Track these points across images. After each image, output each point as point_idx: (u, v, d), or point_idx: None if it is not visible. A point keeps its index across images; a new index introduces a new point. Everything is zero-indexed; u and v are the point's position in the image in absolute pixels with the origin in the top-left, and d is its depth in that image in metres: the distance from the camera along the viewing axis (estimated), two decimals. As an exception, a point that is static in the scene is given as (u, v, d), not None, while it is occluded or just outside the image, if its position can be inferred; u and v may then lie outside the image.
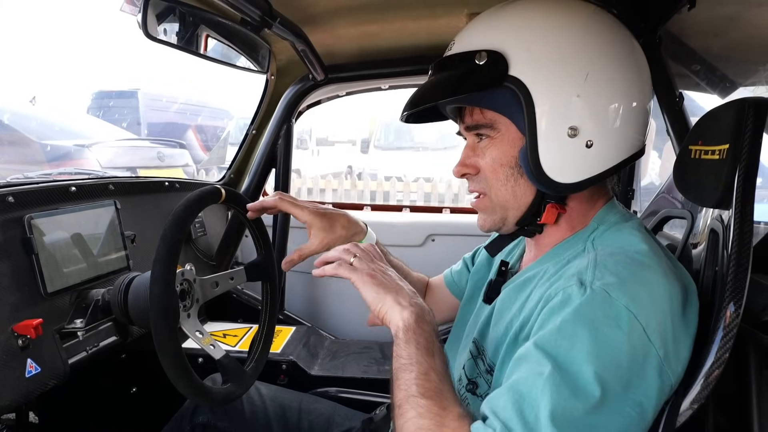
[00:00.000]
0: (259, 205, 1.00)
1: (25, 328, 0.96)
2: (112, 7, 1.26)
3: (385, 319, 0.72)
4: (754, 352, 0.72)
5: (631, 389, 0.59)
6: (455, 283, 1.13)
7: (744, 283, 0.64)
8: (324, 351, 1.77)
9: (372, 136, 8.98)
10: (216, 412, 1.13)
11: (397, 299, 0.72)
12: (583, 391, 0.58)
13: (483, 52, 0.71)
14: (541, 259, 0.80)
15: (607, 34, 0.73)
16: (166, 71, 9.21)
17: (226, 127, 8.60)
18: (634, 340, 0.60)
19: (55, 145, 4.28)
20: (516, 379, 0.62)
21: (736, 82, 1.28)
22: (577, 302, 0.62)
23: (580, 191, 0.76)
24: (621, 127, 0.72)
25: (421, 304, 0.73)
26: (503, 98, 0.72)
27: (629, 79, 0.73)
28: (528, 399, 0.59)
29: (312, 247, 0.97)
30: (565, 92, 0.70)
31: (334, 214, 1.00)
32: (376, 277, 0.75)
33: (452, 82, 0.75)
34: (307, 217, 0.97)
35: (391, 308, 0.72)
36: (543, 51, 0.70)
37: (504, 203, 0.78)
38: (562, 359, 0.60)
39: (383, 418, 1.08)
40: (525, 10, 0.75)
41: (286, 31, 1.27)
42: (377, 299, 0.73)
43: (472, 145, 0.80)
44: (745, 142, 0.66)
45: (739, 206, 0.66)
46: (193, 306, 1.03)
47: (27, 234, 1.02)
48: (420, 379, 0.65)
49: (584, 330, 0.60)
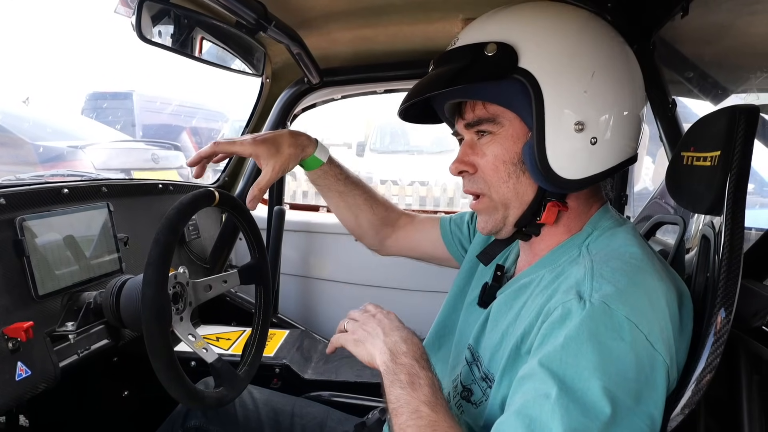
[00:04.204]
0: (197, 157, 0.97)
1: (15, 331, 0.95)
2: (107, 8, 1.26)
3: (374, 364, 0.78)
4: (745, 357, 0.72)
5: (643, 401, 0.59)
6: (450, 233, 1.12)
7: (735, 288, 0.64)
8: (317, 355, 1.77)
9: (368, 140, 8.98)
10: (208, 416, 1.13)
11: (372, 348, 0.78)
12: (592, 409, 0.57)
13: (493, 43, 0.71)
14: (536, 265, 0.80)
15: (608, 39, 0.75)
16: (161, 73, 9.18)
17: (221, 130, 8.58)
18: (638, 350, 0.59)
19: (48, 147, 4.25)
20: (523, 402, 0.60)
21: (728, 89, 1.29)
22: (578, 318, 0.62)
23: (582, 189, 0.76)
24: (621, 128, 0.74)
25: (395, 340, 0.77)
26: (510, 91, 0.72)
27: (628, 83, 0.75)
28: (539, 423, 0.57)
29: (267, 176, 0.95)
30: (573, 87, 0.70)
31: (276, 135, 0.97)
32: (356, 334, 0.82)
33: (458, 72, 0.74)
34: (249, 149, 0.95)
35: (371, 357, 0.78)
36: (553, 47, 0.71)
37: (505, 201, 0.78)
38: (568, 378, 0.59)
39: (376, 422, 1.07)
40: (533, 9, 0.77)
41: (281, 35, 1.27)
42: (362, 353, 0.80)
43: (470, 142, 0.79)
44: (736, 149, 0.67)
45: (730, 213, 0.66)
46: (186, 309, 1.03)
47: (18, 236, 1.02)
48: (412, 419, 0.67)
49: (588, 345, 0.59)
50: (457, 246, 1.11)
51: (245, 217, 1.12)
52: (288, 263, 2.14)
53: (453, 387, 0.85)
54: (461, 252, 1.10)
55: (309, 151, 1.00)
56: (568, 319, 0.63)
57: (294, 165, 0.99)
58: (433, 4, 1.31)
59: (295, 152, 0.97)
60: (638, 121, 0.77)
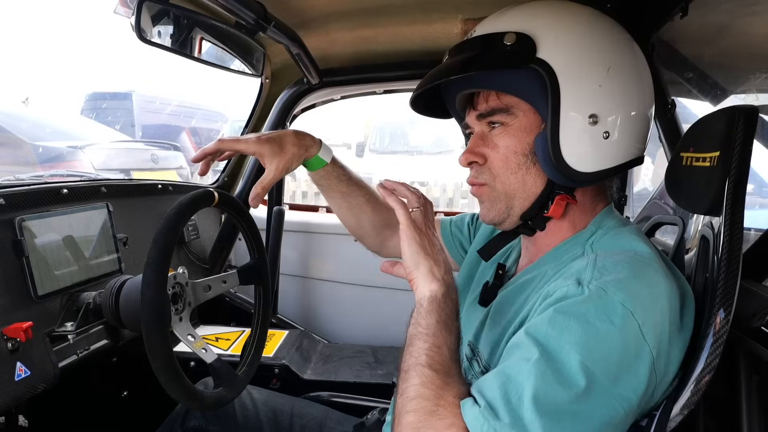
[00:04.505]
0: (201, 154, 0.95)
1: (14, 331, 0.95)
2: (107, 8, 1.26)
3: (413, 282, 0.73)
4: (744, 358, 0.72)
5: (620, 384, 0.59)
6: (451, 234, 1.13)
7: (734, 289, 0.64)
8: (317, 355, 1.77)
9: (367, 140, 8.97)
10: (207, 417, 1.12)
11: (432, 269, 0.72)
12: (567, 379, 0.58)
13: (512, 33, 0.72)
14: (539, 261, 0.80)
15: (622, 37, 0.77)
16: (160, 73, 9.19)
17: (221, 130, 8.58)
18: (627, 337, 0.60)
19: (48, 147, 4.25)
20: (506, 364, 0.63)
21: (727, 90, 1.29)
22: (573, 299, 0.63)
23: (593, 184, 0.77)
24: (632, 125, 0.75)
25: (451, 282, 0.73)
26: (526, 82, 0.73)
27: (640, 81, 0.76)
28: (513, 382, 0.59)
29: (270, 175, 0.94)
30: (590, 80, 0.71)
31: (281, 134, 0.97)
32: (423, 236, 0.74)
33: (474, 59, 0.75)
34: (253, 147, 0.94)
35: (423, 275, 0.71)
36: (571, 40, 0.72)
37: (511, 192, 0.78)
38: (550, 347, 0.60)
39: (375, 422, 1.07)
40: (549, 5, 0.78)
41: (280, 35, 1.28)
42: (414, 260, 0.72)
43: (481, 134, 0.80)
44: (735, 150, 0.67)
45: (729, 213, 0.66)
46: (185, 309, 1.03)
47: (17, 236, 1.02)
48: (432, 351, 0.66)
49: (575, 322, 0.61)
50: (457, 248, 1.11)
51: (244, 217, 1.12)
52: (287, 263, 2.14)
53: None
54: (461, 253, 1.10)
55: (313, 152, 1.00)
56: (563, 299, 0.64)
57: (297, 165, 0.98)
58: (432, 4, 1.31)
59: (298, 152, 0.97)
60: (647, 120, 0.78)
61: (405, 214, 0.75)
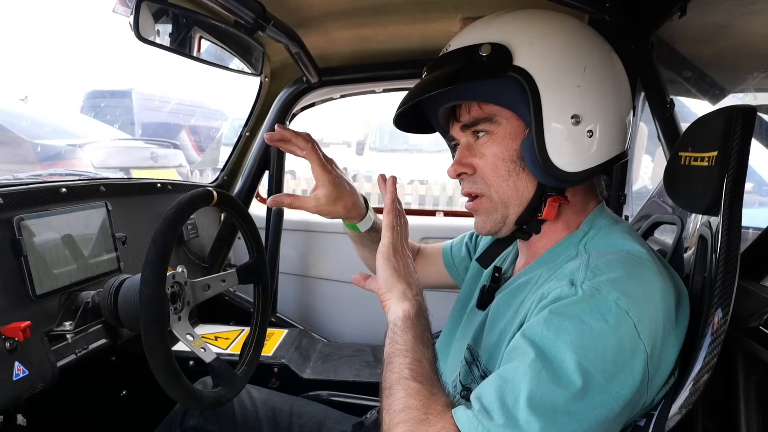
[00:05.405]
0: (279, 136, 0.92)
1: (12, 331, 0.95)
2: (106, 6, 1.25)
3: (386, 304, 0.75)
4: (742, 357, 0.72)
5: (616, 382, 0.60)
6: (451, 259, 1.15)
7: (732, 288, 0.64)
8: (316, 354, 1.77)
9: (367, 138, 8.97)
10: (206, 416, 1.13)
11: (404, 291, 0.75)
12: (564, 379, 0.59)
13: (487, 44, 0.73)
14: (534, 264, 0.80)
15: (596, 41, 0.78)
16: (160, 71, 9.17)
17: (220, 128, 8.57)
18: (622, 335, 0.60)
19: (47, 145, 4.23)
20: (503, 368, 0.64)
21: (726, 89, 1.29)
22: (567, 299, 0.64)
23: (582, 183, 0.78)
24: (614, 121, 0.76)
25: (422, 302, 0.75)
26: (505, 90, 0.74)
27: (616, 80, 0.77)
28: (510, 384, 0.60)
29: (306, 204, 0.95)
30: (567, 82, 0.72)
31: (344, 194, 0.97)
32: (399, 259, 0.77)
33: (454, 74, 0.75)
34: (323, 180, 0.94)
35: (396, 297, 0.75)
36: (545, 45, 0.73)
37: (505, 200, 0.79)
38: (546, 348, 0.61)
39: (374, 421, 1.07)
40: (524, 15, 0.79)
41: (279, 34, 1.28)
42: (388, 283, 0.76)
43: (467, 144, 0.80)
44: (733, 149, 0.67)
45: (728, 213, 0.66)
46: (184, 308, 1.03)
47: (16, 235, 1.02)
48: (413, 365, 0.67)
49: (570, 322, 0.61)
50: (459, 272, 1.13)
51: (243, 216, 1.12)
52: (287, 262, 2.14)
53: (452, 387, 0.85)
54: (463, 276, 1.10)
55: (353, 220, 1.04)
56: (557, 300, 0.65)
57: (328, 217, 0.99)
58: (431, 3, 1.32)
59: (342, 214, 0.99)
60: (628, 118, 0.80)
61: (390, 238, 0.77)
